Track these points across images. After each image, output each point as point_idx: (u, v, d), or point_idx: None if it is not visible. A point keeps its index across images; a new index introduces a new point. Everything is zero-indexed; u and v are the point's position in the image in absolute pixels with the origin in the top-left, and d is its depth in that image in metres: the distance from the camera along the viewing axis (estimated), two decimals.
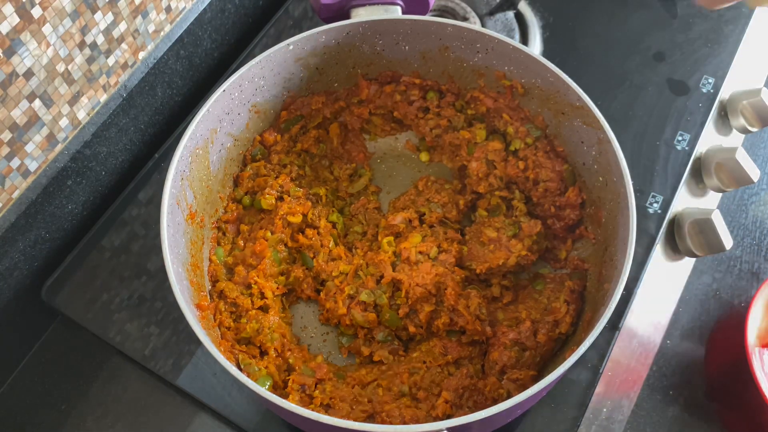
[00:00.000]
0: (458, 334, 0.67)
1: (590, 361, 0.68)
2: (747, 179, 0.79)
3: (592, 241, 0.68)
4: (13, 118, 0.62)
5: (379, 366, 0.66)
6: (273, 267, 0.68)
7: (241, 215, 0.73)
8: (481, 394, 0.60)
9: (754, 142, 0.94)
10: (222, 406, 0.67)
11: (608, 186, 0.63)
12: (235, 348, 0.63)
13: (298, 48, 0.69)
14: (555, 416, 0.65)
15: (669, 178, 0.79)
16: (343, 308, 0.67)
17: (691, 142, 0.81)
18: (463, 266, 0.70)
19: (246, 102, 0.70)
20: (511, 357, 0.62)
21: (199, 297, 0.63)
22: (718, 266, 0.85)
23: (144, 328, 0.71)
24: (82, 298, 0.73)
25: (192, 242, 0.65)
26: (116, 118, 0.76)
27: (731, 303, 0.83)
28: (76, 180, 0.74)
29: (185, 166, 0.63)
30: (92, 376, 0.72)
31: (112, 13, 0.69)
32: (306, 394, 0.61)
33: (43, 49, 0.62)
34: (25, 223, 0.68)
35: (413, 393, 0.62)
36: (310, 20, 0.92)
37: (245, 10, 0.92)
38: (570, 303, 0.64)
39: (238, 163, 0.74)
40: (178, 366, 0.69)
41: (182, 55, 0.82)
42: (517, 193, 0.73)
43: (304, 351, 0.67)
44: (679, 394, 0.78)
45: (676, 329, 0.81)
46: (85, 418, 0.70)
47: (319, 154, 0.77)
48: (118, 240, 0.76)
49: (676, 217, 0.80)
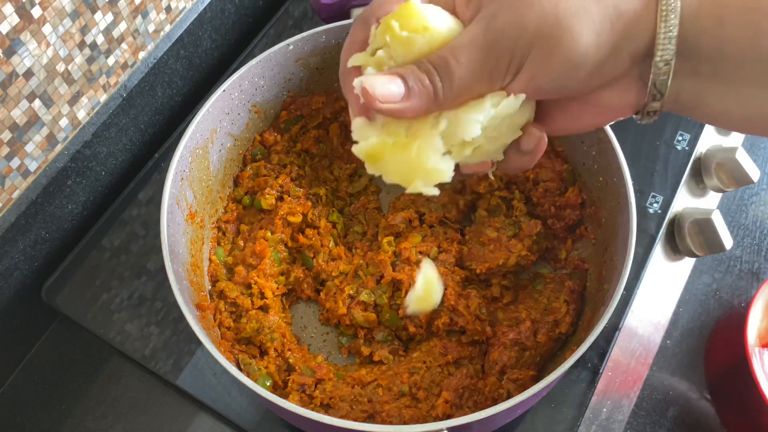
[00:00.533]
0: (458, 334, 0.67)
1: (590, 361, 0.68)
2: (747, 179, 0.79)
3: (592, 241, 0.68)
4: (13, 118, 0.62)
5: (379, 366, 0.66)
6: (273, 267, 0.68)
7: (241, 215, 0.73)
8: (481, 394, 0.60)
9: (754, 142, 0.94)
10: (222, 406, 0.67)
11: (608, 186, 0.63)
12: (235, 348, 0.63)
13: (298, 48, 0.69)
14: (555, 416, 0.65)
15: (669, 178, 0.79)
16: (343, 308, 0.67)
17: (691, 142, 0.81)
18: (463, 266, 0.70)
19: (246, 102, 0.70)
20: (511, 357, 0.62)
21: (199, 297, 0.63)
22: (718, 266, 0.85)
23: (144, 328, 0.71)
24: (82, 298, 0.73)
25: (192, 242, 0.65)
26: (116, 118, 0.76)
27: (731, 303, 0.83)
28: (76, 180, 0.74)
29: (185, 166, 0.63)
30: (92, 376, 0.72)
31: (112, 13, 0.69)
32: (306, 394, 0.61)
33: (43, 49, 0.62)
34: (25, 223, 0.68)
35: (413, 393, 0.62)
36: (310, 20, 0.92)
37: (245, 10, 0.92)
38: (570, 303, 0.64)
39: (238, 163, 0.74)
40: (178, 366, 0.69)
41: (182, 55, 0.82)
42: (517, 193, 0.73)
43: (304, 351, 0.67)
44: (679, 393, 0.78)
45: (676, 329, 0.81)
46: (85, 418, 0.70)
47: (319, 154, 0.77)
48: (118, 240, 0.76)
49: (676, 217, 0.80)
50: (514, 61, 0.37)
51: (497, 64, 0.37)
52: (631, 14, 0.35)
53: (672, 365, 0.79)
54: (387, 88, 0.37)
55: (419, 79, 0.38)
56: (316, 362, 0.64)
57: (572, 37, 0.35)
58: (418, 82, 0.38)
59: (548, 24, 0.35)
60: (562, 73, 0.37)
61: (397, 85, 0.38)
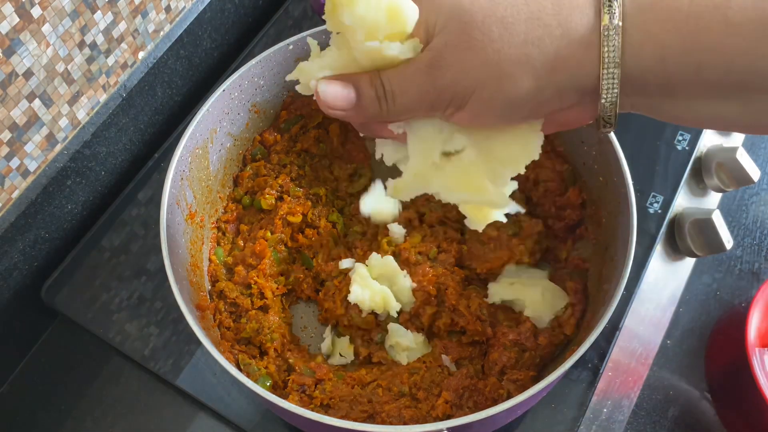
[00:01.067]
0: (458, 335, 0.67)
1: (590, 361, 0.68)
2: (747, 179, 0.79)
3: (592, 241, 0.67)
4: (12, 118, 0.62)
5: (379, 366, 0.66)
6: (273, 267, 0.68)
7: (241, 215, 0.73)
8: (481, 394, 0.60)
9: (755, 141, 0.94)
10: (222, 406, 0.67)
11: (608, 186, 0.63)
12: (235, 348, 0.63)
13: (298, 48, 0.69)
14: (555, 416, 0.65)
15: (669, 178, 0.79)
16: (341, 308, 0.67)
17: (691, 142, 0.81)
18: (463, 266, 0.70)
19: (246, 102, 0.70)
20: (510, 357, 0.62)
21: (199, 297, 0.63)
22: (719, 266, 0.85)
23: (144, 328, 0.71)
24: (82, 298, 0.73)
25: (192, 242, 0.65)
26: (116, 118, 0.76)
27: (731, 303, 0.83)
28: (76, 180, 0.74)
29: (185, 166, 0.63)
30: (92, 376, 0.72)
31: (112, 13, 0.69)
32: (306, 394, 0.61)
33: (43, 48, 0.62)
34: (24, 223, 0.68)
35: (413, 393, 0.62)
36: (310, 20, 0.92)
37: (245, 10, 0.92)
38: (575, 304, 0.64)
39: (237, 163, 0.74)
40: (178, 366, 0.69)
41: (182, 55, 0.82)
42: (516, 192, 0.72)
43: (304, 351, 0.67)
44: (679, 394, 0.78)
45: (676, 329, 0.80)
46: (85, 418, 0.70)
47: (319, 154, 0.77)
48: (118, 240, 0.76)
49: (677, 217, 0.80)
50: (455, 100, 0.39)
51: (437, 99, 0.40)
52: (574, 60, 0.37)
53: (672, 365, 0.79)
54: (340, 95, 0.42)
55: (369, 93, 0.41)
56: (316, 362, 0.64)
57: (513, 83, 0.37)
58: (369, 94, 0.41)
59: (490, 72, 0.37)
60: (505, 112, 0.39)
61: (349, 93, 0.42)
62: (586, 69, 0.37)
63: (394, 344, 0.65)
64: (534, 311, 0.64)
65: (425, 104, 0.40)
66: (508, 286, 0.66)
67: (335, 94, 0.42)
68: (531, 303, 0.65)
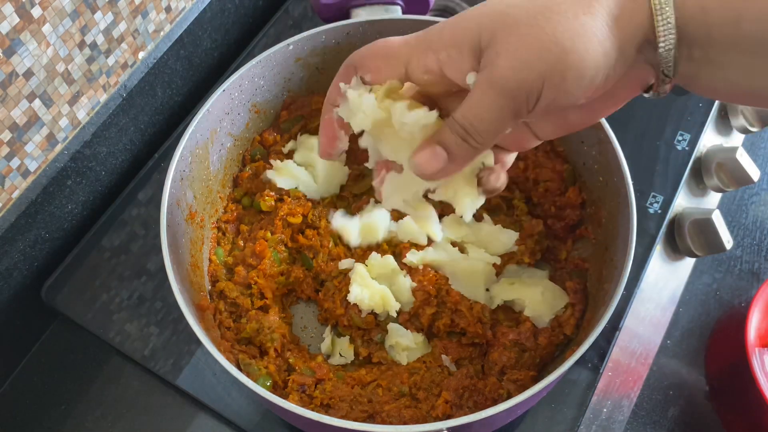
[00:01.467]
0: (458, 335, 0.67)
1: (590, 361, 0.68)
2: (747, 179, 0.79)
3: (592, 241, 0.67)
4: (13, 118, 0.62)
5: (379, 366, 0.66)
6: (273, 267, 0.68)
7: (241, 215, 0.73)
8: (481, 394, 0.60)
9: (755, 141, 0.94)
10: (222, 406, 0.67)
11: (608, 186, 0.63)
12: (235, 348, 0.63)
13: (298, 48, 0.69)
14: (555, 416, 0.65)
15: (669, 178, 0.79)
16: (341, 308, 0.67)
17: (691, 142, 0.81)
18: None
19: (246, 102, 0.70)
20: (510, 357, 0.62)
21: (199, 297, 0.63)
22: (718, 266, 0.85)
23: (144, 328, 0.71)
24: (82, 299, 0.73)
25: (192, 242, 0.65)
26: (116, 118, 0.76)
27: (731, 303, 0.83)
28: (76, 180, 0.74)
29: (185, 166, 0.63)
30: (92, 376, 0.72)
31: (112, 13, 0.69)
32: (306, 394, 0.61)
33: (43, 49, 0.62)
34: (25, 223, 0.68)
35: (413, 393, 0.62)
36: (310, 20, 0.92)
37: (245, 10, 0.92)
38: (575, 304, 0.64)
39: (238, 163, 0.74)
40: (178, 366, 0.69)
41: (182, 55, 0.82)
42: (517, 192, 0.72)
43: (304, 351, 0.67)
44: (679, 394, 0.78)
45: (676, 329, 0.80)
46: (85, 418, 0.70)
47: None
48: (118, 240, 0.76)
49: (677, 217, 0.80)
50: (531, 97, 0.39)
51: (515, 106, 0.39)
52: (627, 14, 0.38)
53: (672, 365, 0.79)
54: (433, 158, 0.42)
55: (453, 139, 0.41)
56: (316, 362, 0.64)
57: (579, 56, 0.37)
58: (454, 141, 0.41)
59: (552, 55, 0.37)
60: (581, 88, 0.39)
61: (438, 151, 0.42)
62: (639, 19, 0.38)
63: (394, 344, 0.65)
64: (534, 311, 0.64)
65: (508, 117, 0.40)
66: (508, 286, 0.66)
67: (428, 160, 0.42)
68: (531, 303, 0.65)
